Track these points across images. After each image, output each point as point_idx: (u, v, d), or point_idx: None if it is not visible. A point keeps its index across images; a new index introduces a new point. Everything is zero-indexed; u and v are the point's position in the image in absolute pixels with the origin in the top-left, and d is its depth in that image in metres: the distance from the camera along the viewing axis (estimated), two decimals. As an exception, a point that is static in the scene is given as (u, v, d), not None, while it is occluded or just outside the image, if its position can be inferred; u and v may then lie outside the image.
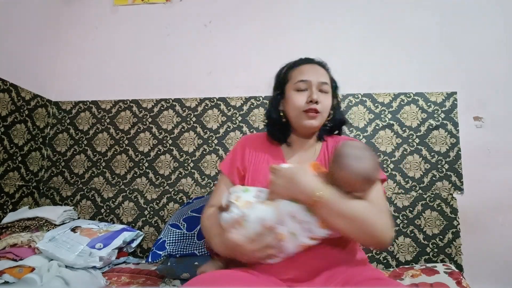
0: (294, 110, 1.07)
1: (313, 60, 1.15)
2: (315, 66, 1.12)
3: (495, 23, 1.84)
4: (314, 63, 1.13)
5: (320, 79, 1.07)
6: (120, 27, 2.14)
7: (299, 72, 1.10)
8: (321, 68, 1.12)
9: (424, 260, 1.65)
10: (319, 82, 1.07)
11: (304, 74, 1.08)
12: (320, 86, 1.07)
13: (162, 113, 1.98)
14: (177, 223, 1.44)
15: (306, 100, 1.05)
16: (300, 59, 1.15)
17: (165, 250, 1.34)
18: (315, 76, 1.07)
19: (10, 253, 1.44)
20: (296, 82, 1.07)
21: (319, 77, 1.08)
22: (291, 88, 1.09)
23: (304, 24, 1.98)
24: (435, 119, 1.78)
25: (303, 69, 1.10)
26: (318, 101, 1.04)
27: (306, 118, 1.05)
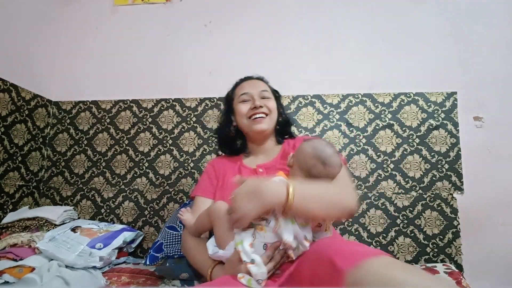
0: (242, 118, 1.22)
1: (251, 77, 1.33)
2: (254, 81, 1.29)
3: (495, 23, 1.84)
4: (253, 79, 1.31)
5: (259, 88, 1.24)
6: (120, 27, 2.14)
7: (240, 88, 1.27)
8: (259, 81, 1.29)
9: (424, 260, 1.65)
10: (259, 91, 1.23)
11: (244, 88, 1.25)
12: (261, 94, 1.23)
13: (162, 113, 1.98)
14: (174, 225, 1.45)
15: (250, 107, 1.20)
16: (240, 79, 1.33)
17: (163, 252, 1.34)
18: (255, 87, 1.24)
19: (10, 253, 1.44)
20: (240, 96, 1.24)
21: (258, 87, 1.25)
22: (237, 102, 1.25)
23: (305, 24, 1.98)
24: (435, 119, 1.78)
25: (244, 85, 1.27)
26: (262, 105, 1.19)
27: (253, 123, 1.19)
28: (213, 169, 1.26)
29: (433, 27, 1.88)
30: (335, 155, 0.98)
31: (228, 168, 1.23)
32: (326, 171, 0.96)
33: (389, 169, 1.76)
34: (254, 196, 0.87)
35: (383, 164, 1.77)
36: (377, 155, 1.78)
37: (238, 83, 1.32)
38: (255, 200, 0.86)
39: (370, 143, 1.80)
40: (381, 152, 1.79)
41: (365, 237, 1.71)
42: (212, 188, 1.21)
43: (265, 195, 0.86)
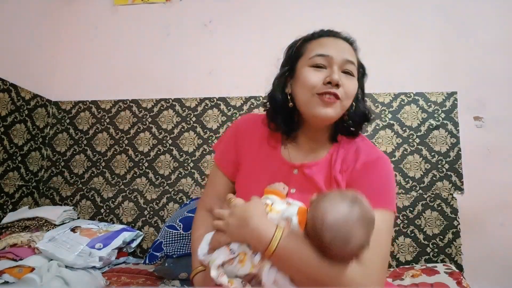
0: (306, 92, 0.82)
1: (338, 33, 0.89)
2: (339, 41, 0.87)
3: (496, 23, 1.83)
4: (339, 37, 0.89)
5: (345, 56, 0.82)
6: (120, 27, 2.13)
7: (318, 44, 0.85)
8: (348, 45, 0.88)
9: (424, 260, 1.65)
10: (344, 59, 0.82)
11: (324, 47, 0.83)
12: (344, 65, 0.82)
13: (162, 113, 1.98)
14: (174, 224, 1.44)
15: (324, 81, 0.80)
16: (321, 30, 0.90)
17: (162, 251, 1.34)
18: (339, 51, 0.83)
19: (10, 253, 1.43)
20: (313, 57, 0.83)
21: (344, 53, 0.83)
22: (305, 63, 0.84)
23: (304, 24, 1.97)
24: (435, 119, 1.78)
25: (324, 41, 0.86)
26: (340, 83, 0.80)
27: (320, 104, 0.80)
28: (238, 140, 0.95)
29: (433, 27, 1.88)
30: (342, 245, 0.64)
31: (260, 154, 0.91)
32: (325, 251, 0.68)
33: (389, 169, 1.76)
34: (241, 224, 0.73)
35: (383, 164, 1.77)
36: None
37: (315, 35, 0.89)
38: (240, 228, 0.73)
39: (370, 143, 1.80)
40: (381, 152, 1.78)
41: (365, 237, 1.71)
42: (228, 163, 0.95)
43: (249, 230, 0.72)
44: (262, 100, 1.92)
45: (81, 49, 2.14)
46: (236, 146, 0.95)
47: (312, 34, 0.90)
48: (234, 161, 0.95)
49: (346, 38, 0.90)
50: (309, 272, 0.68)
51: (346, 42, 0.89)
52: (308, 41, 0.89)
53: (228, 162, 0.96)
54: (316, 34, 0.89)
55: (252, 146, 0.93)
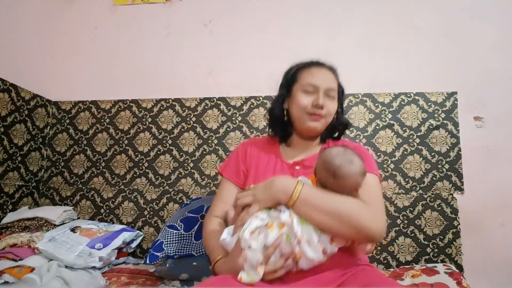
0: (299, 110, 1.09)
1: (323, 64, 1.15)
2: (324, 70, 1.12)
3: (495, 23, 1.83)
4: (324, 67, 1.13)
5: (328, 84, 1.08)
6: (120, 27, 2.13)
7: (308, 74, 1.10)
8: (330, 73, 1.12)
9: (424, 260, 1.65)
10: (327, 87, 1.08)
11: (313, 77, 1.09)
12: (327, 92, 1.08)
13: (162, 113, 1.98)
14: (174, 224, 1.44)
15: (312, 103, 1.06)
16: (311, 61, 1.15)
17: (163, 251, 1.34)
18: (324, 81, 1.08)
19: (10, 253, 1.43)
20: (304, 84, 1.08)
21: (327, 82, 1.09)
22: (298, 88, 1.10)
23: (304, 24, 1.98)
24: (435, 119, 1.78)
25: (313, 71, 1.11)
26: (324, 106, 1.06)
27: (309, 119, 1.07)
28: (245, 153, 1.16)
29: (433, 27, 1.88)
30: (347, 165, 0.87)
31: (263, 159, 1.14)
32: (339, 184, 0.88)
33: (389, 169, 1.76)
34: (266, 187, 0.91)
35: (383, 164, 1.77)
36: (377, 155, 1.78)
37: (307, 65, 1.14)
38: (266, 190, 0.90)
39: (370, 143, 1.80)
40: (381, 152, 1.79)
41: (365, 237, 1.71)
42: (239, 174, 1.13)
43: (274, 188, 0.89)
44: (262, 100, 1.92)
45: (81, 49, 2.14)
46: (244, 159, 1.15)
47: (304, 63, 1.16)
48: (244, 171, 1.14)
49: (329, 68, 1.15)
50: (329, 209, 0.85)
51: (330, 71, 1.14)
52: (301, 69, 1.13)
53: (238, 173, 1.14)
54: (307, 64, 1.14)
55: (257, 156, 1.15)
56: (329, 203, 0.86)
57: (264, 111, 1.90)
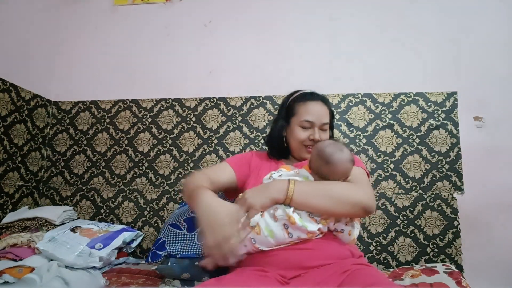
0: (297, 143, 1.22)
1: (317, 96, 1.26)
2: (319, 105, 1.23)
3: (495, 23, 1.84)
4: (318, 101, 1.24)
5: (322, 120, 1.21)
6: (120, 27, 2.13)
7: (305, 110, 1.22)
8: (324, 107, 1.24)
9: (424, 260, 1.65)
10: (322, 123, 1.21)
11: (309, 114, 1.20)
12: (321, 126, 1.21)
13: (162, 113, 1.98)
14: (178, 224, 1.44)
15: (309, 137, 1.20)
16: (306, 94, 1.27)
17: (165, 250, 1.34)
18: (318, 117, 1.20)
19: (10, 253, 1.43)
20: (302, 121, 1.20)
21: (322, 118, 1.21)
22: (296, 122, 1.22)
23: (304, 24, 1.98)
24: (435, 119, 1.78)
25: (309, 108, 1.22)
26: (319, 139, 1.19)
27: (305, 152, 1.21)
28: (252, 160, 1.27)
29: (433, 27, 1.88)
30: (338, 153, 1.00)
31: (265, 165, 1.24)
32: (331, 170, 1.00)
33: (389, 169, 1.76)
34: (259, 191, 0.99)
35: (383, 164, 1.77)
36: (377, 155, 1.78)
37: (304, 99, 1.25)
38: (261, 194, 0.98)
39: (370, 143, 1.80)
40: (381, 152, 1.79)
41: (365, 237, 1.71)
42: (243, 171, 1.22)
43: (269, 189, 0.98)
44: (262, 100, 1.92)
45: (80, 49, 2.14)
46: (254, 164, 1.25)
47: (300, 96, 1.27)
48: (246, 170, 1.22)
49: (322, 100, 1.25)
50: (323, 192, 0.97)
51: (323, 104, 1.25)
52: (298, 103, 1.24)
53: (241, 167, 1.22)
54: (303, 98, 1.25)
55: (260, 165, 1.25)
56: (324, 188, 0.98)
57: (264, 111, 1.90)
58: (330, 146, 1.02)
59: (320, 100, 1.25)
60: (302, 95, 1.27)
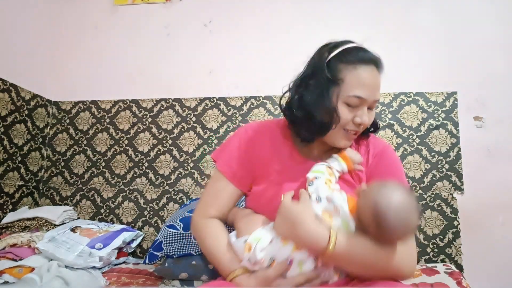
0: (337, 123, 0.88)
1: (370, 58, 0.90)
2: (373, 73, 0.88)
3: (495, 23, 1.83)
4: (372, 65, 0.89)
5: (376, 96, 0.88)
6: (120, 27, 2.13)
7: (357, 80, 0.86)
8: (378, 76, 0.90)
9: (424, 260, 1.65)
10: (374, 100, 0.89)
11: (362, 87, 0.86)
12: (372, 104, 0.90)
13: (162, 113, 1.98)
14: (174, 224, 1.44)
15: (354, 120, 0.87)
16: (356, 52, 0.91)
17: (162, 251, 1.34)
18: (373, 92, 0.87)
19: (10, 253, 1.43)
20: (350, 96, 0.86)
21: (376, 93, 0.88)
22: (342, 96, 0.86)
23: (305, 24, 1.98)
24: (435, 119, 1.78)
25: (362, 77, 0.86)
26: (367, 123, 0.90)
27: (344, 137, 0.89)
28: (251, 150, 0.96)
29: (433, 27, 1.88)
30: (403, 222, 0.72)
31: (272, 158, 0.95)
32: (383, 237, 0.75)
33: (389, 169, 1.76)
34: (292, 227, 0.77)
35: (383, 164, 1.77)
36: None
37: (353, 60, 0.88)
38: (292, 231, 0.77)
39: (370, 143, 1.80)
40: (381, 152, 1.78)
41: (365, 237, 1.71)
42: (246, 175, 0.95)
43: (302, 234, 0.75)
44: (262, 100, 1.92)
45: (81, 49, 2.14)
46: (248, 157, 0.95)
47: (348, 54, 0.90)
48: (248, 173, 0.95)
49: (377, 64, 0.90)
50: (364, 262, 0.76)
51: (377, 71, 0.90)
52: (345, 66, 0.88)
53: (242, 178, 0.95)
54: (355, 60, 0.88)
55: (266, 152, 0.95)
56: (365, 256, 0.76)
57: (264, 111, 1.90)
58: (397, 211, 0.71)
59: (374, 66, 0.89)
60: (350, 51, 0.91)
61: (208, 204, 0.95)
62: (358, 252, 0.75)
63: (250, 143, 0.96)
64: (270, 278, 0.77)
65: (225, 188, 0.95)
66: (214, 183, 0.97)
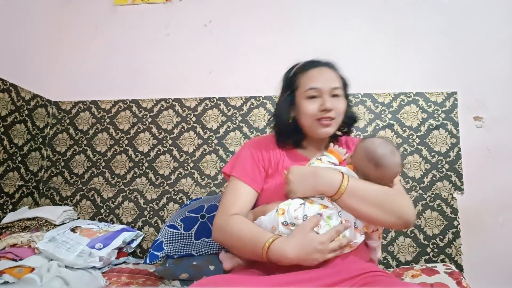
0: (307, 119, 1.03)
1: (320, 62, 1.08)
2: (323, 70, 1.05)
3: (495, 23, 1.83)
4: (321, 66, 1.06)
5: (331, 84, 1.02)
6: (120, 27, 2.13)
7: (307, 78, 1.03)
8: (330, 71, 1.06)
9: (424, 260, 1.65)
10: (331, 88, 1.01)
11: (313, 81, 1.02)
12: (332, 92, 1.02)
13: (162, 113, 1.98)
14: (174, 224, 1.44)
15: (319, 108, 1.00)
16: (307, 63, 1.09)
17: (163, 251, 1.34)
18: (326, 82, 1.02)
19: (10, 253, 1.43)
20: (306, 90, 1.02)
21: (330, 82, 1.02)
22: (301, 96, 1.03)
23: (304, 24, 1.98)
24: (435, 119, 1.78)
25: (312, 75, 1.04)
26: (332, 108, 1.00)
27: (320, 126, 1.02)
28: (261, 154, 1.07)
29: (433, 27, 1.88)
30: (390, 155, 0.90)
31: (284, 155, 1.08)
32: (380, 173, 0.90)
33: (389, 169, 1.76)
34: (309, 176, 0.89)
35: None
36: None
37: (305, 68, 1.07)
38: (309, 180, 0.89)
39: (370, 143, 1.80)
40: (381, 152, 1.78)
41: (365, 237, 1.71)
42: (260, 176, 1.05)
43: (319, 178, 0.88)
44: (262, 100, 1.92)
45: (81, 49, 2.14)
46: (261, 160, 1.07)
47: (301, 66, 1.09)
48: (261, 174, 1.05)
49: (327, 65, 1.08)
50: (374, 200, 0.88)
51: (329, 68, 1.07)
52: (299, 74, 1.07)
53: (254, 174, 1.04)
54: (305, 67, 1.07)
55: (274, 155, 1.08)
56: (374, 194, 0.88)
57: (264, 111, 1.90)
58: (382, 147, 0.91)
59: (324, 66, 1.06)
60: (302, 65, 1.09)
61: (228, 205, 1.01)
62: (368, 190, 0.88)
63: (260, 150, 1.08)
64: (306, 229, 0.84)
65: (243, 190, 1.03)
66: (231, 187, 1.05)
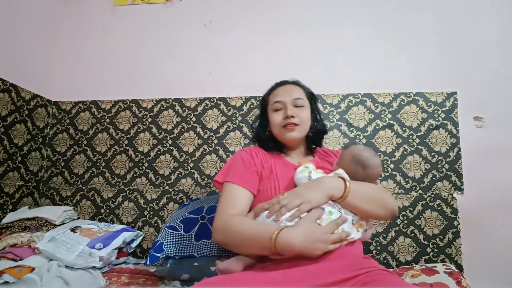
0: (275, 127, 1.21)
1: (286, 81, 1.28)
2: (288, 87, 1.24)
3: (495, 23, 1.83)
4: (287, 84, 1.26)
5: (293, 96, 1.20)
6: (119, 27, 2.13)
7: (274, 95, 1.23)
8: (294, 87, 1.24)
9: (424, 260, 1.65)
10: (293, 99, 1.19)
11: (278, 95, 1.21)
12: (294, 102, 1.19)
13: (162, 113, 1.98)
14: (174, 225, 1.44)
15: (283, 117, 1.18)
16: (276, 83, 1.29)
17: (163, 252, 1.34)
18: (288, 95, 1.20)
19: (10, 253, 1.43)
20: (273, 103, 1.21)
21: (292, 94, 1.20)
22: (270, 110, 1.22)
23: (305, 24, 1.98)
24: (435, 119, 1.78)
25: (278, 91, 1.23)
26: (294, 115, 1.16)
27: (286, 131, 1.18)
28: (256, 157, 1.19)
29: (432, 27, 1.88)
30: (373, 157, 1.08)
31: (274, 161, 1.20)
32: (367, 173, 1.07)
33: (389, 169, 1.76)
34: (316, 186, 1.00)
35: (383, 164, 1.77)
36: None
37: (273, 88, 1.27)
38: (316, 190, 0.99)
39: (370, 143, 1.80)
40: (381, 152, 1.79)
41: (365, 237, 1.71)
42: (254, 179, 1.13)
43: (326, 186, 1.00)
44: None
45: (81, 49, 2.14)
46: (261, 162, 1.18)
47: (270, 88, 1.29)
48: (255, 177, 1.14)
49: (292, 82, 1.27)
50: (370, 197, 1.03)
51: (293, 84, 1.26)
52: (269, 94, 1.27)
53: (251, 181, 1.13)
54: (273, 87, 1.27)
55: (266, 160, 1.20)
56: (369, 192, 1.04)
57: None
58: (365, 151, 1.09)
59: (289, 84, 1.26)
60: (271, 87, 1.29)
61: (226, 207, 1.07)
62: (364, 188, 1.04)
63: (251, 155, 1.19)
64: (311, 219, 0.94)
65: (240, 192, 1.10)
66: (228, 191, 1.12)
